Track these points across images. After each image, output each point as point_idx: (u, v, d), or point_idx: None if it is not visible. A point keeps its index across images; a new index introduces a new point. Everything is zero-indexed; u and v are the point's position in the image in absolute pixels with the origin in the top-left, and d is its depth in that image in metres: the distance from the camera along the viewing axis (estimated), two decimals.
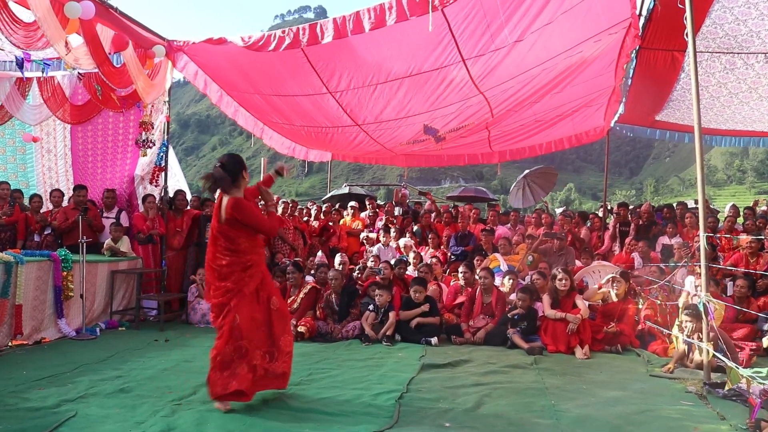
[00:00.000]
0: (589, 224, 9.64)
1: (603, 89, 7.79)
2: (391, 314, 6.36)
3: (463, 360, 5.37)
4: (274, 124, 9.38)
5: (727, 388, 4.14)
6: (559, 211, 12.04)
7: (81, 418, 3.52)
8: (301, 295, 6.72)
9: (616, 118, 9.12)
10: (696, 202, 7.09)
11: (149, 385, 4.30)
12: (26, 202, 8.13)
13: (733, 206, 9.41)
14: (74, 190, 7.87)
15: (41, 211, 7.91)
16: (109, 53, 6.51)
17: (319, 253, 8.83)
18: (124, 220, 7.79)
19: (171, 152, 8.94)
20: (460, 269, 7.28)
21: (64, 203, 8.05)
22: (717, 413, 3.85)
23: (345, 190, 15.45)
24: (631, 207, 9.82)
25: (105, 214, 7.83)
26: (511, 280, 7.05)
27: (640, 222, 8.96)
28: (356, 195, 14.06)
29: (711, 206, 12.29)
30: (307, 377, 4.63)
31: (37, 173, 9.18)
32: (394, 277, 7.21)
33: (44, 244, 7.35)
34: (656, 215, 9.48)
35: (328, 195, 15.27)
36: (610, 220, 9.51)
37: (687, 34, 4.70)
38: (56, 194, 8.03)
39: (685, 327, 5.15)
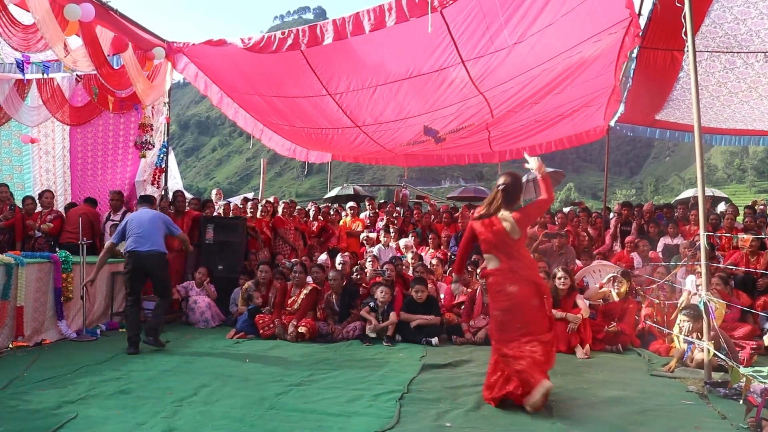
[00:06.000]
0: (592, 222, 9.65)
1: (603, 89, 7.79)
2: (392, 314, 6.36)
3: (463, 360, 5.37)
4: (274, 125, 9.38)
5: (734, 384, 4.14)
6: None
7: (81, 419, 3.52)
8: (302, 295, 6.72)
9: (616, 118, 9.12)
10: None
11: (149, 387, 4.30)
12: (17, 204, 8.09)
13: (732, 204, 9.39)
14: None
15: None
16: (109, 55, 6.51)
17: (323, 256, 8.82)
18: None
19: (170, 153, 8.94)
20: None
21: (61, 206, 8.02)
22: (718, 412, 3.85)
23: (350, 190, 15.37)
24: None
25: (111, 216, 7.84)
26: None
27: (642, 222, 8.96)
28: (355, 195, 14.03)
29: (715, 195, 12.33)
30: (308, 378, 4.64)
31: (34, 175, 9.15)
32: (395, 276, 7.21)
33: (36, 248, 7.28)
34: (658, 215, 9.48)
35: (333, 194, 15.17)
36: (612, 219, 9.50)
37: (686, 34, 4.69)
38: (47, 195, 7.92)
39: (683, 327, 5.16)
